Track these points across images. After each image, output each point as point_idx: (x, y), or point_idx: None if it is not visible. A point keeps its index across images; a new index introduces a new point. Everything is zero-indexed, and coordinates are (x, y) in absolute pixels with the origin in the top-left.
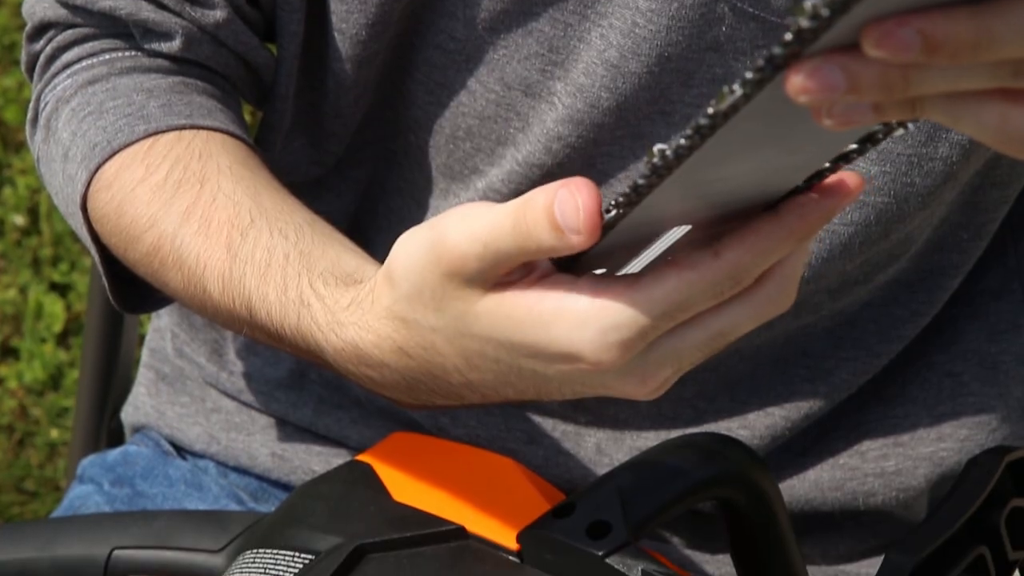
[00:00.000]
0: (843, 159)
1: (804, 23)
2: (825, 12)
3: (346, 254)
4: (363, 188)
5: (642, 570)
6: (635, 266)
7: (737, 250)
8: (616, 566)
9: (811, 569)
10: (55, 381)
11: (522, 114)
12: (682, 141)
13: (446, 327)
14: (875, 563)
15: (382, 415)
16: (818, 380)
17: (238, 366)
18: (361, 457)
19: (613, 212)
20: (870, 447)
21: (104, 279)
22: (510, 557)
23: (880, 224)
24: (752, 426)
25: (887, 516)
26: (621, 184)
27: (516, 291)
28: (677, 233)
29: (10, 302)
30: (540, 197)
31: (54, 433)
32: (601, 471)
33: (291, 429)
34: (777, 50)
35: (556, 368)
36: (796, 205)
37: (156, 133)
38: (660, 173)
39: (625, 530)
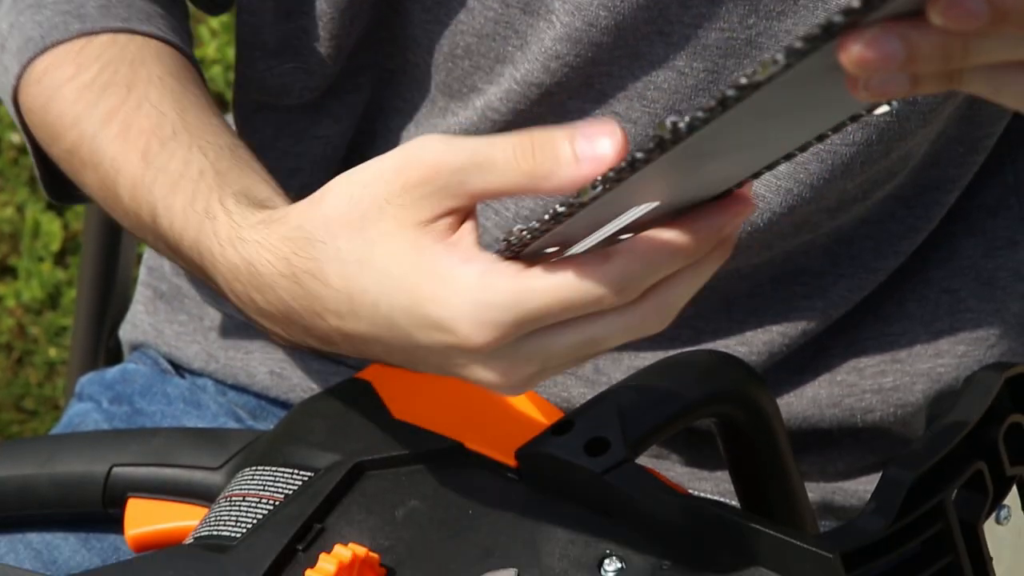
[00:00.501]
0: (820, 139)
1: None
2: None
3: (262, 183)
4: (361, 111)
5: (640, 487)
6: (588, 242)
7: (627, 257)
8: (614, 483)
9: (809, 486)
10: (53, 300)
11: (520, 32)
12: (699, 114)
13: (349, 254)
14: (873, 480)
15: None
16: (815, 297)
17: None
18: (360, 375)
19: (600, 187)
20: (868, 364)
21: (36, 168)
22: (509, 474)
23: (882, 143)
24: (750, 343)
25: (885, 433)
26: (620, 103)
27: (434, 237)
28: (642, 210)
29: (7, 221)
30: (556, 130)
31: (52, 352)
32: (599, 391)
33: (286, 350)
34: (837, 18)
35: (427, 334)
36: (690, 220)
37: (91, 33)
38: (665, 148)
39: (624, 447)
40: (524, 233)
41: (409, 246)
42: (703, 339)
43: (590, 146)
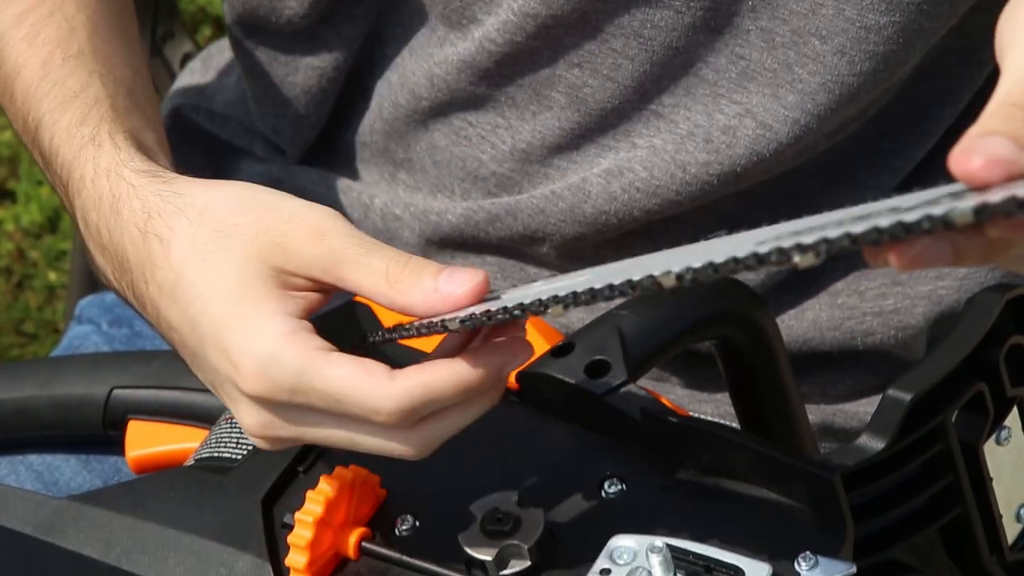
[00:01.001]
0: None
1: (954, 220)
2: (986, 217)
3: (150, 130)
4: (359, 44)
5: (641, 409)
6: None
7: (412, 382)
8: (615, 405)
9: (809, 408)
10: (52, 224)
11: None
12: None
13: (202, 247)
14: (873, 402)
15: None
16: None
17: None
18: (359, 297)
19: (466, 324)
20: (868, 286)
21: None
22: (510, 396)
23: (887, 69)
24: None
25: (885, 355)
26: (616, 40)
27: (279, 284)
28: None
29: (6, 144)
30: (432, 263)
31: (52, 276)
32: (597, 315)
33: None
34: (899, 232)
35: (215, 355)
36: (474, 356)
37: None
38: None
39: (624, 369)
40: (379, 336)
41: (255, 276)
42: None
43: (449, 283)
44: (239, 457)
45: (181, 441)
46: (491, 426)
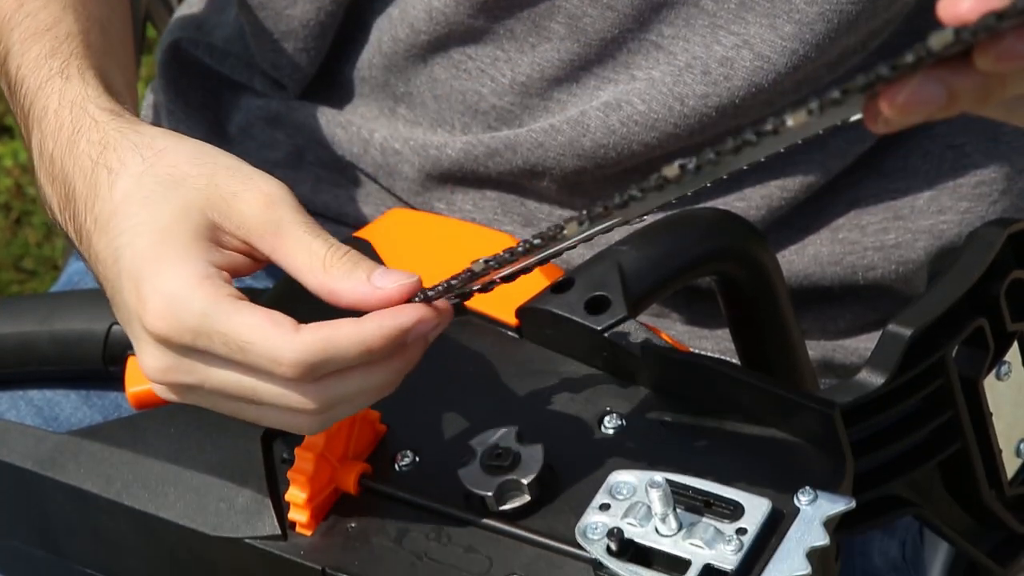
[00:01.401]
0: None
1: (935, 45)
2: (967, 36)
3: (119, 72)
4: None
5: (641, 345)
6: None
7: (314, 336)
8: (615, 340)
9: (810, 344)
10: None
11: None
12: (711, 156)
13: (145, 186)
14: (873, 337)
15: (380, 193)
16: (813, 150)
17: (234, 147)
18: (359, 233)
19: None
20: (870, 221)
21: None
22: (509, 332)
23: None
24: (748, 198)
25: (886, 290)
26: None
27: (211, 236)
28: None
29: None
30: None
31: None
32: (598, 252)
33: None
34: (884, 72)
35: (129, 289)
36: (379, 317)
37: None
38: (664, 190)
39: (624, 305)
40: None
41: (189, 224)
42: (701, 199)
43: (383, 279)
44: None
45: None
46: (491, 362)
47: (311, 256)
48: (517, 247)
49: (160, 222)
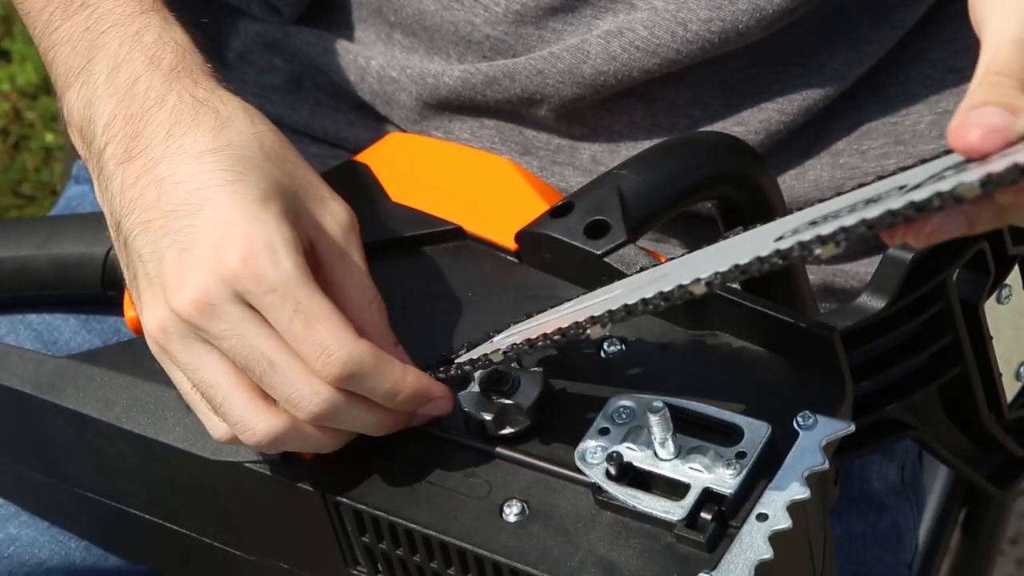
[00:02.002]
0: None
1: (962, 194)
2: (992, 187)
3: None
4: None
5: (641, 268)
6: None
7: (372, 348)
8: (615, 264)
9: (809, 269)
10: (48, 84)
11: None
12: (730, 273)
13: (260, 141)
14: (873, 261)
15: (379, 118)
16: (811, 73)
17: (233, 73)
18: (358, 157)
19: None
20: (870, 146)
21: None
22: (508, 257)
23: None
24: (746, 123)
25: None
26: None
27: (281, 209)
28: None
29: (0, 4)
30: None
31: (49, 137)
32: (597, 176)
33: (287, 131)
34: (910, 212)
35: (218, 219)
36: (420, 376)
37: None
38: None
39: (624, 229)
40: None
41: (282, 197)
42: (700, 126)
43: (418, 390)
44: None
45: None
46: (490, 287)
47: (363, 289)
48: (536, 340)
49: (261, 185)
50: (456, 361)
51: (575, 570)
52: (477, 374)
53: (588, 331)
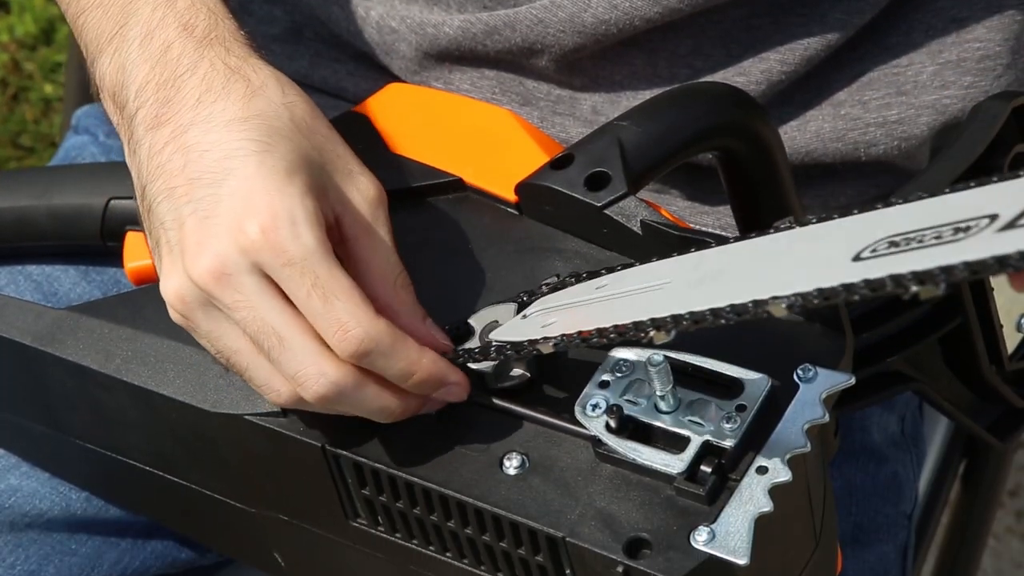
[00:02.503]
0: None
1: None
2: None
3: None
4: None
5: (641, 221)
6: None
7: (390, 327)
8: (615, 216)
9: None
10: (47, 35)
11: None
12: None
13: (291, 111)
14: None
15: (379, 68)
16: (812, 23)
17: None
18: (358, 108)
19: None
20: (872, 96)
21: None
22: (508, 208)
23: None
24: (748, 73)
25: (888, 166)
26: None
27: (307, 184)
28: None
29: None
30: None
31: (48, 88)
32: (598, 127)
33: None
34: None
35: (241, 188)
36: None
37: None
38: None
39: (624, 181)
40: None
41: (308, 171)
42: (701, 76)
43: (435, 328)
44: None
45: None
46: (490, 239)
47: (388, 266)
48: (591, 336)
49: (288, 157)
50: (495, 342)
51: (575, 523)
52: (477, 328)
53: (651, 334)
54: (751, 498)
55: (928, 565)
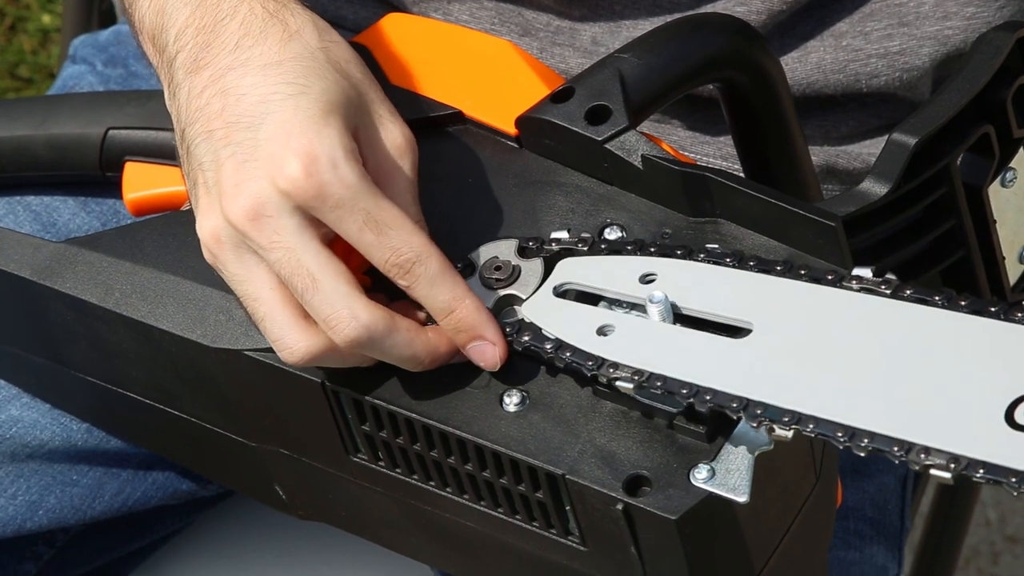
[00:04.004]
0: None
1: None
2: None
3: None
4: None
5: (642, 155)
6: None
7: (440, 258)
8: (615, 151)
9: (812, 150)
10: None
11: None
12: None
13: (324, 51)
14: (877, 143)
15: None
16: None
17: None
18: (357, 39)
19: None
20: (874, 28)
21: None
22: (508, 142)
23: None
24: (749, 2)
25: (890, 97)
26: None
27: (343, 131)
28: None
29: None
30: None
31: (46, 19)
32: (598, 60)
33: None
34: None
35: (280, 131)
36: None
37: None
38: None
39: (625, 114)
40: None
41: (345, 111)
42: (702, 6)
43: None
44: None
45: (179, 184)
46: (490, 173)
47: (410, 213)
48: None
49: (323, 98)
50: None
51: (575, 460)
52: (478, 264)
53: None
54: (751, 436)
55: (927, 496)
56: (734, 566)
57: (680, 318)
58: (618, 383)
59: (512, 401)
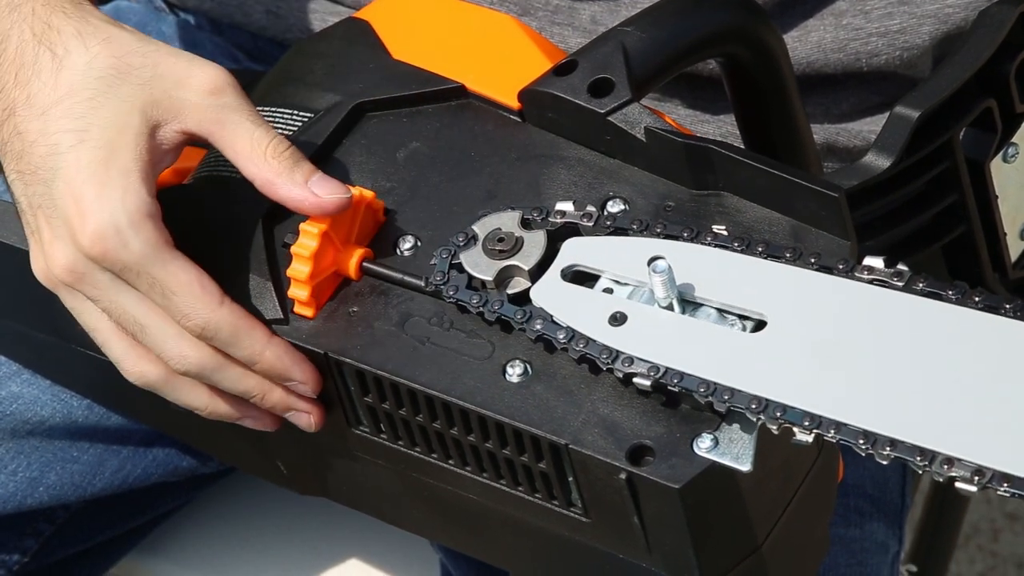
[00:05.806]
0: None
1: None
2: None
3: None
4: None
5: (645, 128)
6: None
7: (237, 313)
8: (618, 123)
9: (813, 127)
10: None
11: None
12: None
13: (98, 66)
14: (878, 120)
15: None
16: None
17: None
18: (359, 14)
19: None
20: (874, 6)
21: None
22: (511, 115)
23: None
24: None
25: (890, 75)
26: None
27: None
28: None
29: None
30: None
31: None
32: (602, 33)
33: None
34: None
35: (67, 191)
36: (294, 359)
37: None
38: None
39: (628, 88)
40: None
41: (133, 133)
42: None
43: (319, 186)
44: (239, 177)
45: (180, 160)
46: (493, 146)
47: (253, 144)
48: None
49: (106, 133)
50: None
51: (578, 430)
52: (480, 235)
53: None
54: None
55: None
56: (736, 536)
57: (688, 303)
58: (635, 379)
59: (515, 372)
